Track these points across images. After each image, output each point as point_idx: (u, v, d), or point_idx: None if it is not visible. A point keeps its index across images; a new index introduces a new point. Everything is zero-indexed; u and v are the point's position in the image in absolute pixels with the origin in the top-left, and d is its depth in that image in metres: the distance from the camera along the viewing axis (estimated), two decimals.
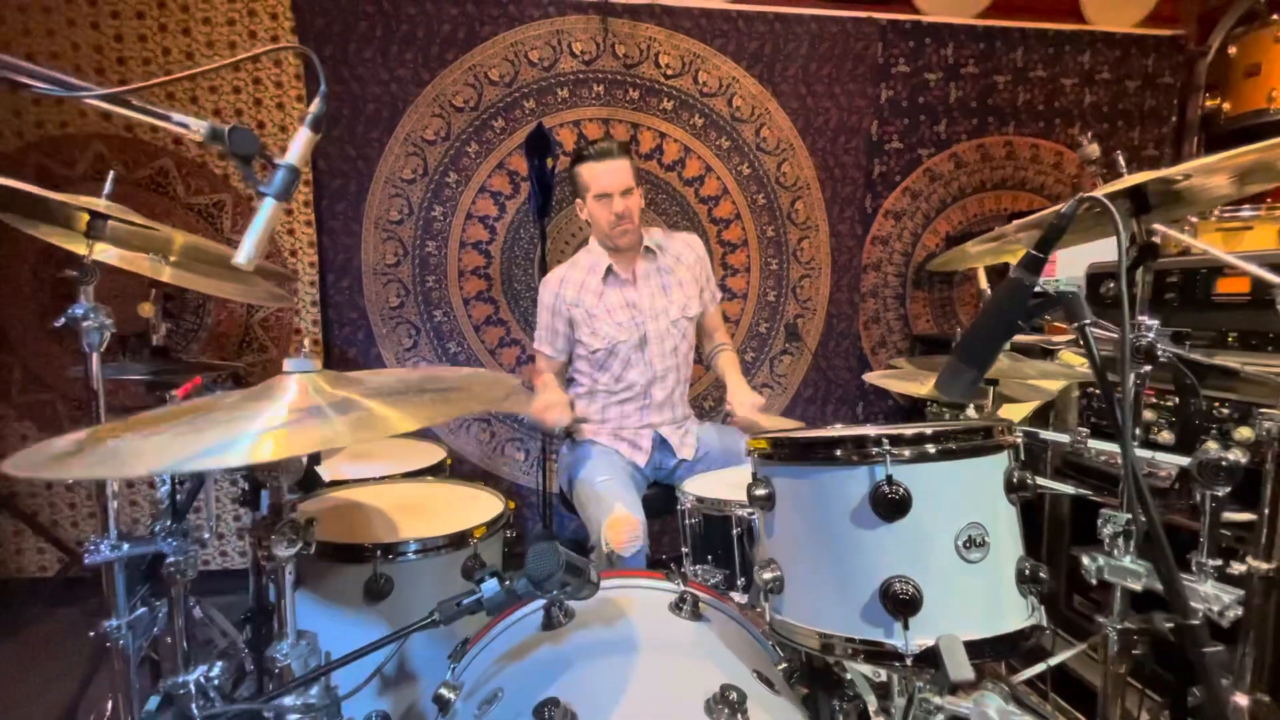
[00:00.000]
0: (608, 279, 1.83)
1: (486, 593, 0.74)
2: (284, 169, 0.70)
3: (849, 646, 0.82)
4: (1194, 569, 0.96)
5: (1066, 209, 0.76)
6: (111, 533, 1.04)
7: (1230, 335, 1.51)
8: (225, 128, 0.66)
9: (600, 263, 1.83)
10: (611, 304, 1.82)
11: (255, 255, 0.67)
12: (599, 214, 1.78)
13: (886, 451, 0.78)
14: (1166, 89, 2.75)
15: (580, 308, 1.81)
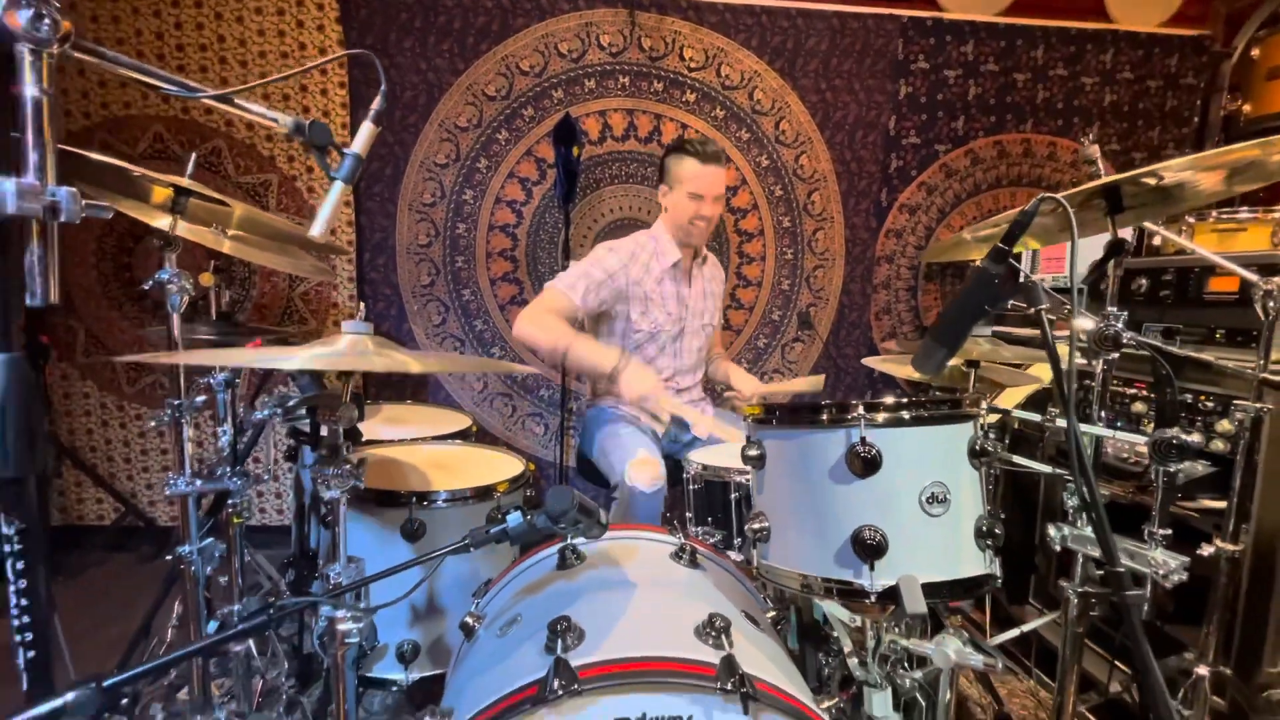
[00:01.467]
0: (670, 270, 1.93)
1: (511, 523, 0.87)
2: (351, 157, 0.83)
3: (824, 585, 0.93)
4: (1145, 537, 1.05)
5: (1029, 207, 0.86)
6: (186, 470, 1.19)
7: (1219, 332, 1.58)
8: (306, 122, 0.79)
9: (669, 253, 1.93)
10: (666, 293, 1.94)
11: (326, 229, 0.80)
12: (684, 208, 1.86)
13: (861, 416, 0.89)
14: (1189, 89, 2.76)
15: (640, 286, 1.91)
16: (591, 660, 0.81)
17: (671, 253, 1.93)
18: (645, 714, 0.79)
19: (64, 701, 0.62)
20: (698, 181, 1.83)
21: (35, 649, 0.72)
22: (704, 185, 1.83)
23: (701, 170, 1.83)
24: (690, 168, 1.84)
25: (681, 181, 1.86)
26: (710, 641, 0.87)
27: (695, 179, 1.84)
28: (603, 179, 2.63)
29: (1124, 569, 0.78)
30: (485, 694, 0.83)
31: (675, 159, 1.88)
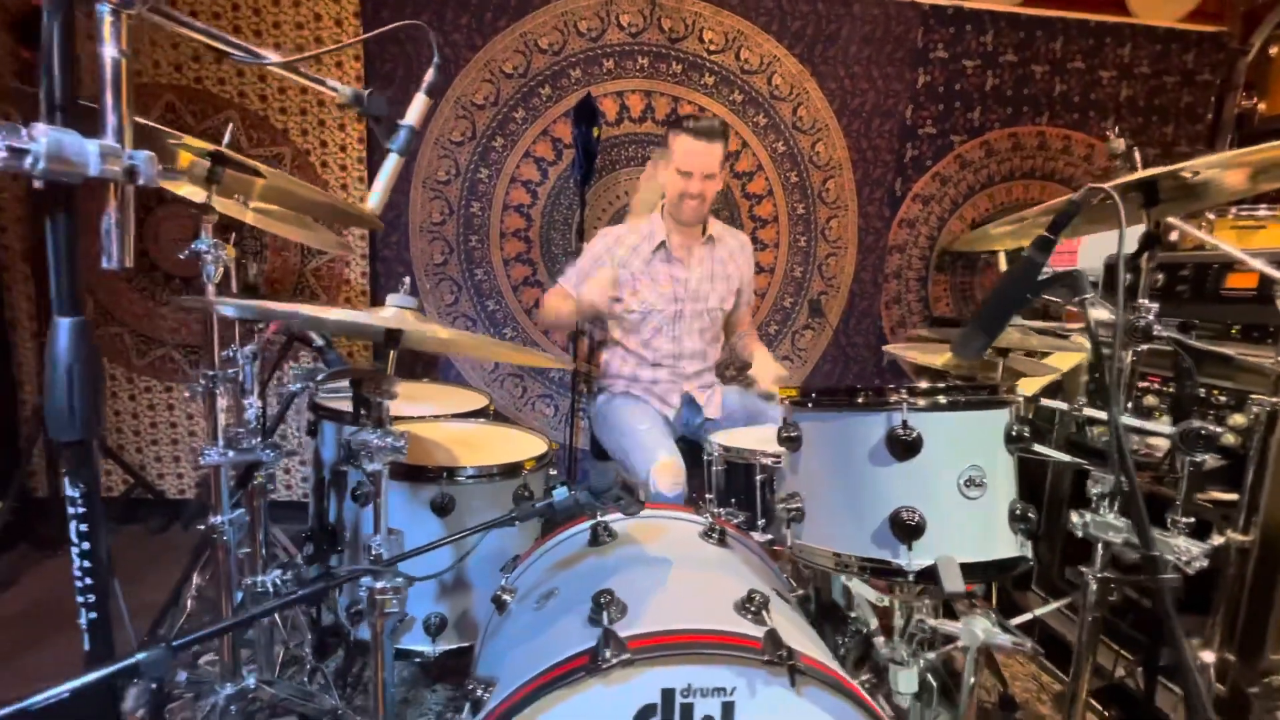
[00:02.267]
0: (658, 252, 1.93)
1: (558, 498, 0.89)
2: (405, 129, 0.82)
3: (859, 564, 0.96)
4: (1169, 525, 1.08)
5: (1078, 196, 0.87)
6: (220, 441, 1.20)
7: (1234, 328, 1.60)
8: (365, 92, 0.79)
9: (656, 234, 1.93)
10: (657, 274, 1.93)
11: (383, 202, 0.81)
12: (673, 184, 1.86)
13: (904, 400, 0.90)
14: (1205, 86, 2.77)
15: (627, 269, 1.92)
16: (638, 632, 0.83)
17: (660, 234, 1.93)
18: (690, 685, 0.81)
19: (137, 660, 0.63)
20: (687, 158, 1.81)
21: (97, 611, 0.73)
22: (692, 161, 1.81)
23: (691, 145, 1.80)
24: (682, 143, 1.82)
25: (672, 157, 1.84)
26: (750, 616, 0.89)
27: (684, 155, 1.81)
28: (619, 161, 2.62)
29: (1159, 554, 0.81)
30: (532, 663, 0.84)
31: (673, 134, 1.86)
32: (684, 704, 0.81)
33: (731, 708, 0.82)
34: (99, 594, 0.73)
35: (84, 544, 0.72)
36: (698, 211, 1.89)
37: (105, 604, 0.74)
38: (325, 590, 0.83)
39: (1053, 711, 1.76)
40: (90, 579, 0.72)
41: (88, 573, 0.72)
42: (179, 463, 2.65)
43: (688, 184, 1.83)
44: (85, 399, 0.68)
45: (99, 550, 0.73)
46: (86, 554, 0.72)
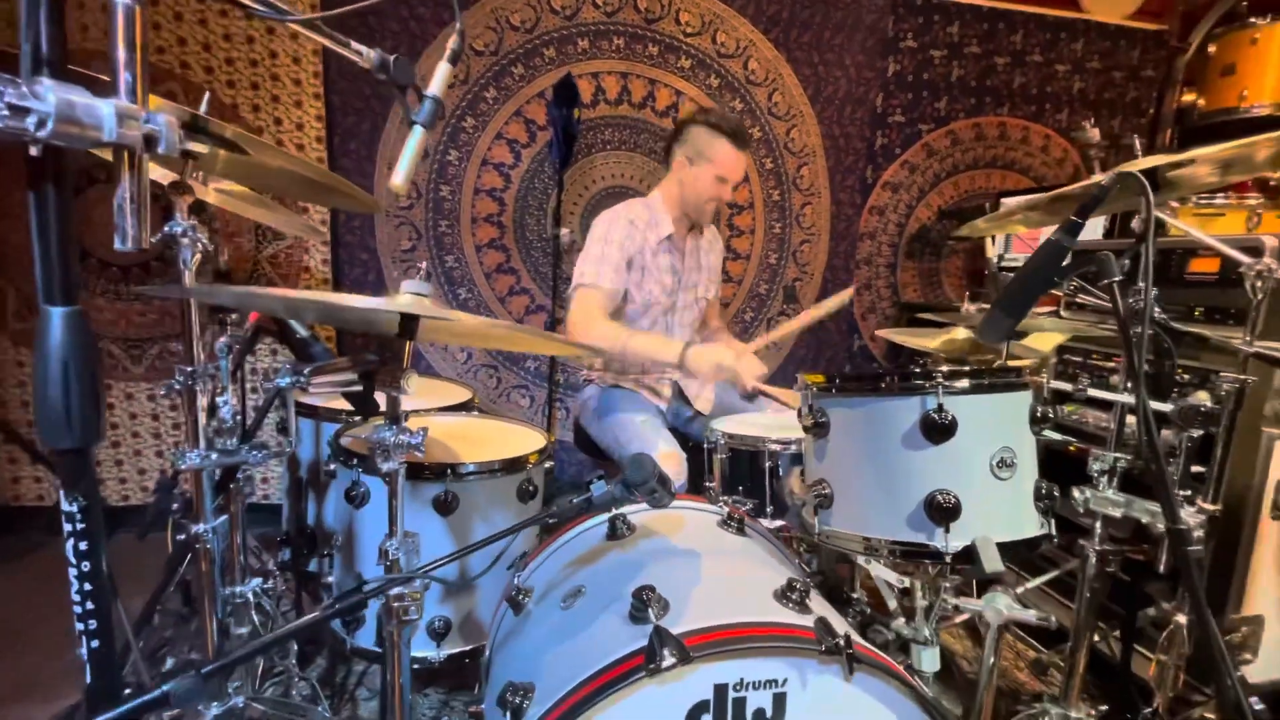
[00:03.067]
0: (664, 243, 1.89)
1: (596, 492, 0.85)
2: (430, 100, 0.76)
3: (890, 547, 0.96)
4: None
5: (1106, 181, 0.89)
6: (201, 443, 1.10)
7: (1197, 310, 1.70)
8: (390, 57, 0.72)
9: (664, 224, 1.87)
10: (661, 265, 1.89)
11: (409, 179, 0.74)
12: (705, 187, 1.80)
13: (940, 384, 0.90)
14: (1148, 81, 2.92)
15: (641, 257, 1.86)
16: (689, 628, 0.80)
17: (665, 225, 1.88)
18: (742, 679, 0.79)
19: (168, 690, 0.56)
20: (729, 167, 1.78)
21: (99, 639, 0.65)
22: (734, 171, 1.79)
23: (734, 156, 1.78)
24: (724, 151, 1.77)
25: (711, 162, 1.79)
26: (792, 606, 0.87)
27: (727, 164, 1.78)
28: (594, 144, 2.56)
29: (1186, 526, 0.84)
30: (577, 666, 0.81)
31: (707, 135, 1.78)
32: (736, 699, 0.79)
33: (783, 699, 0.80)
34: (101, 619, 0.65)
35: (84, 564, 0.63)
36: (714, 213, 1.90)
37: (108, 630, 0.66)
38: (361, 605, 0.77)
39: (1029, 677, 1.84)
40: (91, 603, 0.64)
41: (88, 596, 0.64)
42: (120, 467, 2.46)
43: (722, 190, 1.80)
44: (84, 400, 0.60)
45: (100, 571, 0.65)
46: (86, 575, 0.64)
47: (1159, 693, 1.49)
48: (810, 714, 0.81)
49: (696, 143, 1.81)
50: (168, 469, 2.41)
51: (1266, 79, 2.43)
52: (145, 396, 2.43)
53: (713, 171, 1.79)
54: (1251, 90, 2.47)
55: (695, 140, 1.81)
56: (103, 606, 0.65)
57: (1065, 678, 1.30)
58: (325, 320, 1.78)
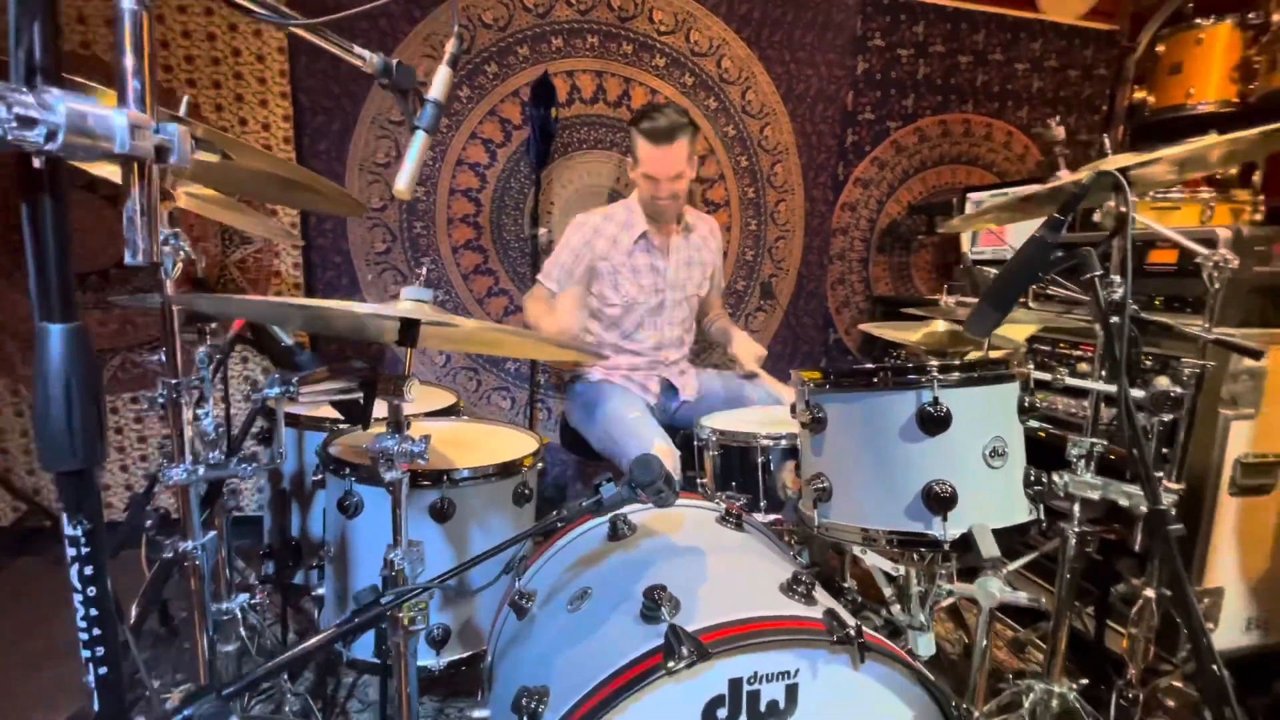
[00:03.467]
0: (639, 242, 1.89)
1: (606, 494, 0.85)
2: (431, 104, 0.75)
3: (888, 537, 0.99)
4: None
5: (1086, 180, 0.93)
6: (187, 457, 1.06)
7: (1157, 299, 1.78)
8: (393, 61, 0.70)
9: (636, 225, 1.88)
10: (639, 265, 1.90)
11: (413, 183, 0.73)
12: (643, 187, 1.82)
13: (934, 377, 0.93)
14: (1101, 79, 3.04)
15: (607, 261, 1.87)
16: (704, 625, 0.81)
17: (639, 224, 1.89)
18: (756, 672, 0.81)
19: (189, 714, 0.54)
20: (650, 164, 1.78)
21: (106, 665, 0.63)
22: (656, 167, 1.77)
23: (652, 152, 1.76)
24: (644, 150, 1.77)
25: (639, 162, 1.81)
26: (799, 598, 0.89)
27: (648, 161, 1.78)
28: (570, 143, 2.54)
29: (1165, 507, 0.88)
30: (593, 668, 0.81)
31: (633, 136, 1.81)
32: (750, 692, 0.81)
33: (795, 690, 0.82)
34: (108, 645, 0.63)
35: (89, 589, 0.61)
36: (674, 210, 1.89)
37: (116, 656, 0.63)
38: (383, 614, 0.75)
39: (1009, 655, 1.91)
40: (98, 628, 0.62)
41: (95, 622, 0.62)
42: None
43: (656, 188, 1.80)
44: (86, 420, 0.58)
45: (106, 596, 0.62)
46: (92, 600, 0.61)
47: (1131, 664, 1.57)
48: (821, 703, 0.83)
49: (632, 145, 1.84)
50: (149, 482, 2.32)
51: (1211, 77, 2.55)
52: (107, 409, 2.33)
53: (640, 171, 1.80)
54: (1197, 88, 2.59)
55: (632, 143, 1.84)
56: (109, 632, 0.63)
57: (1048, 655, 1.36)
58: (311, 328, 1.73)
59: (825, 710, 0.83)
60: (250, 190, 1.61)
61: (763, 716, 0.81)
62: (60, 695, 1.58)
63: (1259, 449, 1.64)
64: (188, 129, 0.49)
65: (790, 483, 1.38)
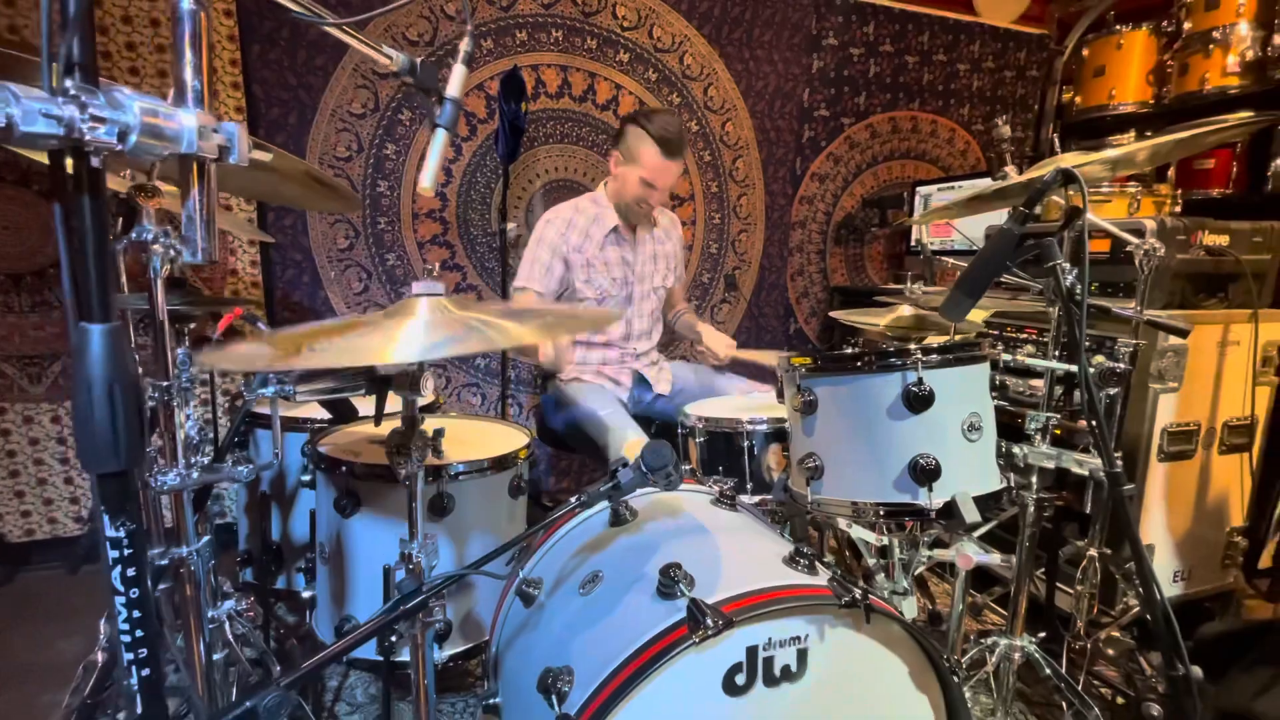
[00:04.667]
0: (610, 235, 1.92)
1: (623, 479, 0.89)
2: (450, 103, 0.76)
3: (876, 509, 1.06)
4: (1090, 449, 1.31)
5: (1048, 177, 1.02)
6: (180, 461, 1.03)
7: (1093, 285, 1.94)
8: (417, 60, 0.72)
9: (607, 219, 1.90)
10: (610, 259, 1.92)
11: (436, 181, 0.74)
12: (632, 188, 1.83)
13: (918, 359, 1.01)
14: (1033, 80, 3.25)
15: (581, 255, 1.89)
16: (723, 597, 0.86)
17: (611, 218, 1.92)
18: (770, 639, 0.86)
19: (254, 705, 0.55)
20: (653, 171, 1.80)
21: (149, 666, 0.62)
22: (659, 177, 1.80)
23: (659, 162, 1.79)
24: (650, 156, 1.78)
25: (639, 163, 1.80)
26: (803, 569, 0.96)
27: (653, 170, 1.79)
28: (537, 138, 2.54)
29: (1120, 470, 0.99)
30: (617, 646, 0.85)
31: (638, 136, 1.80)
32: (765, 658, 0.87)
33: (805, 653, 0.88)
34: (150, 647, 0.63)
35: (131, 591, 0.61)
36: (647, 215, 1.93)
37: (157, 659, 0.63)
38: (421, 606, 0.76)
39: (970, 619, 2.06)
40: (141, 630, 0.62)
41: (138, 624, 0.61)
42: (22, 499, 2.21)
43: (649, 194, 1.83)
44: (129, 421, 0.57)
45: (147, 598, 0.62)
46: (135, 602, 0.61)
47: (1078, 618, 1.73)
48: (829, 664, 0.89)
49: (629, 142, 1.83)
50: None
51: (1130, 80, 2.77)
52: (49, 419, 2.20)
53: (638, 173, 1.81)
54: (1118, 90, 2.82)
55: (629, 140, 1.83)
56: (150, 634, 0.62)
57: (1010, 613, 1.48)
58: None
59: (832, 671, 0.90)
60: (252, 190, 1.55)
61: (777, 680, 0.87)
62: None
63: (1181, 419, 1.82)
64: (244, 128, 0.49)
65: (775, 465, 1.45)
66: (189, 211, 0.50)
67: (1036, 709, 1.63)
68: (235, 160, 0.50)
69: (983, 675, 1.52)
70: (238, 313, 1.19)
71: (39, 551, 2.21)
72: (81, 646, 1.66)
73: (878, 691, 0.94)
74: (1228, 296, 1.93)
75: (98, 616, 1.43)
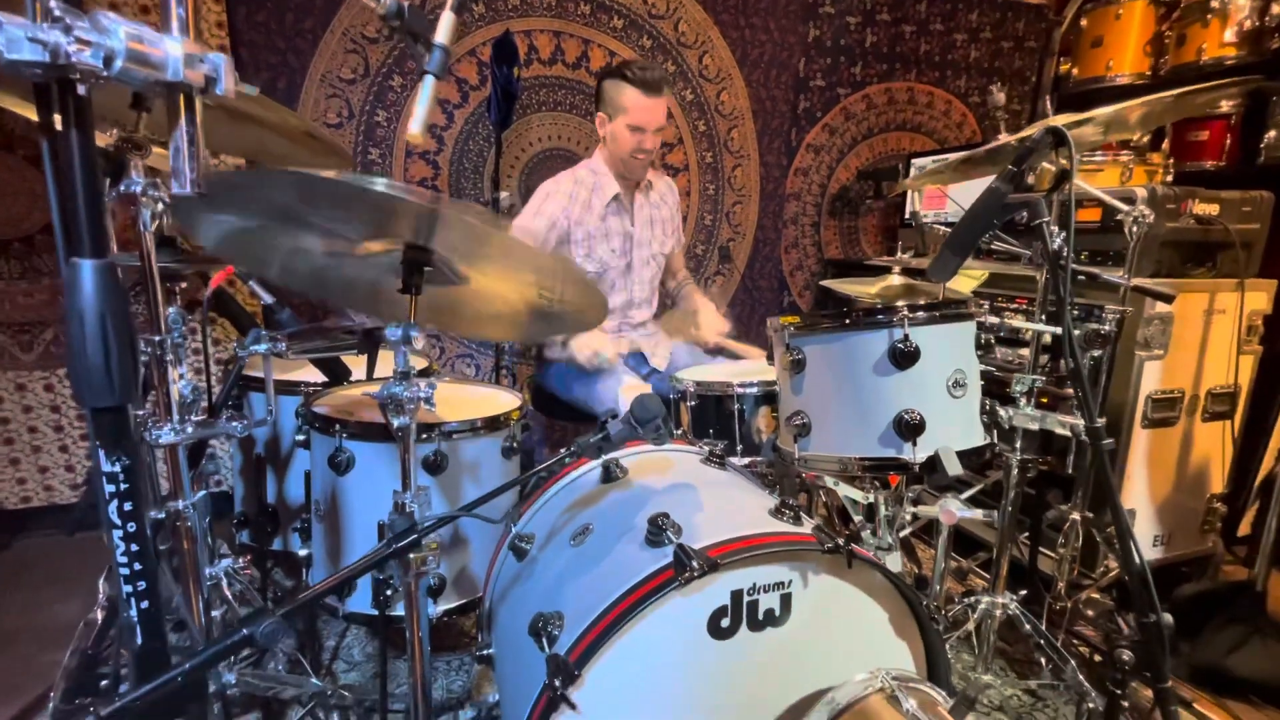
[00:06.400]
0: (610, 205, 1.90)
1: (612, 429, 0.90)
2: (439, 49, 0.76)
3: (860, 464, 1.09)
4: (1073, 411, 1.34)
5: (1036, 135, 1.02)
6: (174, 416, 1.04)
7: (1083, 254, 1.95)
8: (405, 3, 0.71)
9: (607, 188, 1.88)
10: (610, 229, 1.91)
11: (425, 127, 0.75)
12: (624, 141, 1.80)
13: (905, 316, 1.02)
14: (1030, 52, 3.23)
15: (582, 227, 1.88)
16: (708, 543, 0.88)
17: (611, 186, 1.89)
18: (755, 584, 0.89)
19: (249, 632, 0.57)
20: (639, 114, 1.76)
21: (148, 599, 0.64)
22: (646, 117, 1.76)
23: (643, 102, 1.75)
24: (631, 98, 1.75)
25: (623, 111, 1.78)
26: (788, 520, 0.98)
27: (636, 111, 1.76)
28: (530, 105, 2.52)
29: (1100, 425, 1.01)
30: (605, 590, 0.87)
31: (615, 85, 1.78)
32: (750, 602, 0.89)
33: (789, 598, 0.91)
34: (149, 580, 0.64)
35: (129, 525, 0.62)
36: (645, 169, 1.89)
37: (155, 592, 0.65)
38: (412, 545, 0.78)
39: (953, 583, 2.10)
40: (139, 563, 0.63)
41: (135, 557, 0.63)
42: (17, 466, 2.22)
43: (641, 140, 1.79)
44: (123, 355, 0.58)
45: (145, 533, 0.64)
46: (132, 536, 0.63)
47: (1059, 579, 1.77)
48: (812, 609, 0.92)
49: (609, 96, 1.80)
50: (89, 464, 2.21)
51: (1128, 51, 2.75)
52: (41, 386, 2.20)
53: (625, 121, 1.77)
54: (1116, 61, 2.79)
55: (608, 94, 1.81)
56: (149, 568, 0.64)
57: (994, 572, 1.52)
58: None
59: (814, 616, 0.93)
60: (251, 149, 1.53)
61: (760, 624, 0.90)
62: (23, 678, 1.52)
63: (1166, 386, 1.85)
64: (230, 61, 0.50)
65: (764, 427, 1.47)
66: (176, 143, 0.50)
67: (1017, 665, 1.67)
68: (221, 92, 0.51)
69: (964, 633, 1.56)
70: (229, 271, 1.19)
71: (36, 519, 2.22)
72: (78, 610, 1.68)
73: (859, 637, 0.97)
74: (1215, 266, 1.95)
75: (95, 580, 1.45)
